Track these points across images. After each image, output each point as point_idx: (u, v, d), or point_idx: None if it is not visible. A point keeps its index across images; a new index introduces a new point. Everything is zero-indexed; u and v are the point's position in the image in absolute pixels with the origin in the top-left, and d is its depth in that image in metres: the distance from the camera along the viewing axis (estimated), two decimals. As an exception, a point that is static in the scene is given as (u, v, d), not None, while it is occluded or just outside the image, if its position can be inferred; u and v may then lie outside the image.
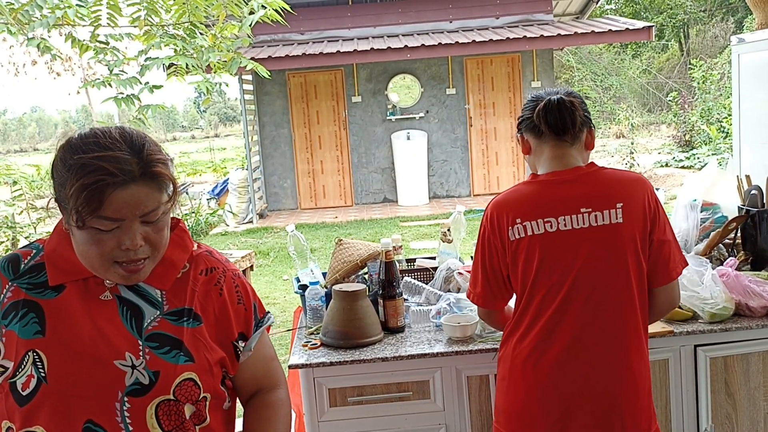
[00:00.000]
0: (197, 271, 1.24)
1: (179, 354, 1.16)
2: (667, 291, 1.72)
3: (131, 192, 1.08)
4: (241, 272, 1.31)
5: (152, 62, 4.44)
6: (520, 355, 1.70)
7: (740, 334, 2.07)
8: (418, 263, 2.67)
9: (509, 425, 1.74)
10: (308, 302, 2.35)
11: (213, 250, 1.32)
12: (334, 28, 10.73)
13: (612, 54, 22.09)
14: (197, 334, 1.19)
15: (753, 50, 3.67)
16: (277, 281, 6.76)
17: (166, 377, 1.14)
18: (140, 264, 1.14)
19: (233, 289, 1.27)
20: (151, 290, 1.20)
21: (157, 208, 1.12)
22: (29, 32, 4.09)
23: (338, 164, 10.89)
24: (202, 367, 1.18)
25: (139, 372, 1.13)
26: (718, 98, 13.73)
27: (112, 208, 1.08)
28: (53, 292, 1.17)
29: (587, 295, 1.64)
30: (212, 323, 1.22)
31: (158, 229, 1.14)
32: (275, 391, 1.34)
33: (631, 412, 1.66)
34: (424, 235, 8.18)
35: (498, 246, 1.73)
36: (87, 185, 1.06)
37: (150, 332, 1.17)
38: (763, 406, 2.12)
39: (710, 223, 2.52)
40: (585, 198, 1.67)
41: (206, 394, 1.20)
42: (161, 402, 1.14)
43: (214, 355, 1.21)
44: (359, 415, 2.06)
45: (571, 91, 1.77)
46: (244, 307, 1.28)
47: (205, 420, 1.20)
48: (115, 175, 1.07)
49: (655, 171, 12.09)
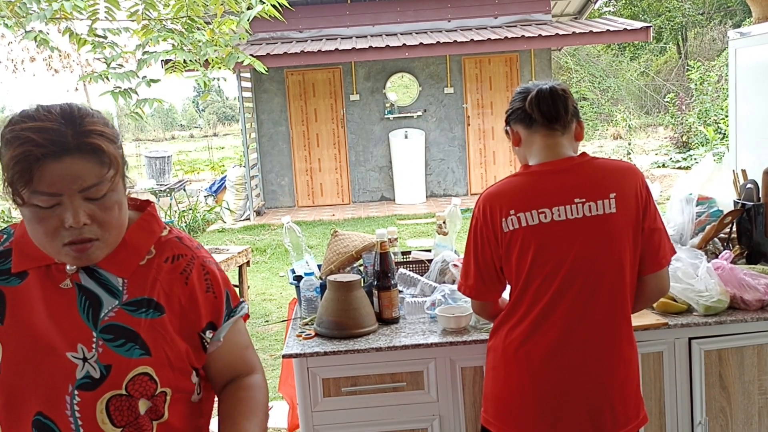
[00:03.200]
0: (162, 259, 1.19)
1: (134, 347, 1.12)
2: (656, 278, 1.72)
3: (66, 164, 1.04)
4: (213, 259, 1.25)
5: (150, 56, 4.44)
6: (512, 344, 1.70)
7: (735, 327, 2.08)
8: (413, 255, 2.67)
9: (498, 414, 1.73)
10: (303, 293, 2.34)
11: (184, 235, 1.25)
12: (332, 26, 10.73)
13: (610, 56, 22.13)
14: (157, 326, 1.14)
15: (751, 44, 3.68)
16: (273, 278, 6.76)
17: (118, 371, 1.10)
18: (88, 244, 1.09)
19: (202, 276, 1.20)
20: (112, 278, 1.15)
21: (99, 183, 1.07)
22: (26, 25, 4.08)
23: (336, 162, 10.89)
24: (159, 361, 1.13)
25: (90, 365, 1.09)
26: (716, 100, 13.74)
27: (46, 182, 1.03)
28: (17, 279, 1.15)
29: (581, 284, 1.64)
30: (177, 314, 1.17)
31: (105, 207, 1.09)
32: (251, 375, 1.29)
33: (621, 400, 1.67)
34: (420, 233, 8.18)
35: (491, 238, 1.72)
36: (15, 156, 1.03)
37: (105, 323, 1.12)
38: (757, 400, 2.11)
39: (706, 216, 2.52)
40: (578, 188, 1.66)
41: (165, 389, 1.15)
42: (112, 397, 1.10)
43: (176, 348, 1.16)
44: (353, 406, 2.06)
45: (560, 82, 1.77)
46: (214, 295, 1.21)
47: (162, 416, 1.16)
48: (43, 146, 1.02)
49: (652, 172, 12.11)
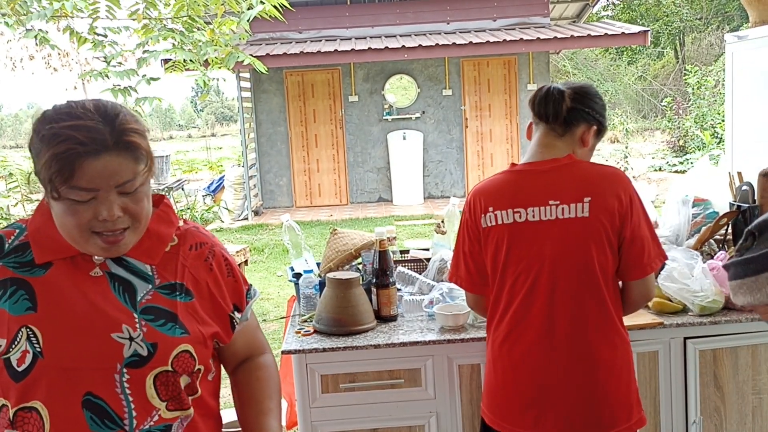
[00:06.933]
0: (186, 247, 1.25)
1: (175, 326, 1.17)
2: (640, 285, 1.71)
3: (104, 162, 1.07)
4: (225, 247, 1.33)
5: (150, 55, 4.45)
6: (497, 339, 1.74)
7: (730, 327, 2.09)
8: (411, 254, 2.69)
9: (490, 406, 1.78)
10: (302, 290, 2.35)
11: (199, 225, 1.32)
12: (332, 27, 10.75)
13: (608, 60, 22.16)
14: (190, 309, 1.20)
15: (747, 48, 3.71)
16: (271, 277, 6.77)
17: (164, 349, 1.15)
18: (119, 235, 1.14)
19: (222, 263, 1.28)
20: (140, 265, 1.20)
21: (134, 178, 1.11)
22: (27, 23, 4.09)
23: (334, 163, 10.90)
24: (196, 339, 1.20)
25: (137, 344, 1.14)
26: (713, 104, 13.78)
27: (86, 178, 1.07)
28: (41, 269, 1.17)
29: (552, 286, 1.66)
30: (206, 298, 1.23)
31: (137, 200, 1.14)
32: (264, 355, 1.39)
33: (606, 403, 1.66)
34: (418, 234, 8.20)
35: (475, 232, 1.76)
36: (58, 154, 1.06)
37: (144, 305, 1.17)
38: (751, 399, 2.13)
39: (701, 218, 2.54)
40: (555, 190, 1.67)
41: (200, 366, 1.21)
42: (159, 373, 1.15)
43: (208, 329, 1.22)
44: (351, 402, 2.07)
45: (579, 85, 1.76)
46: (234, 279, 1.29)
47: (197, 392, 1.22)
48: (85, 144, 1.06)
49: (649, 175, 12.15)
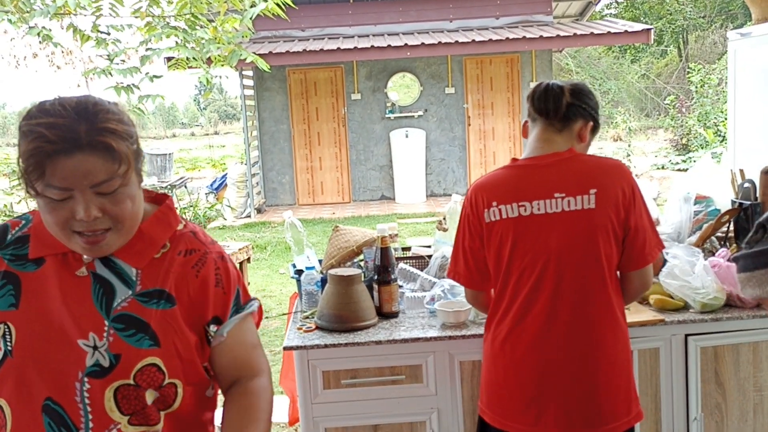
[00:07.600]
0: (176, 252, 1.20)
1: (144, 338, 1.13)
2: (640, 275, 1.74)
3: (76, 161, 1.04)
4: (227, 255, 1.26)
5: (153, 53, 4.45)
6: (498, 336, 1.74)
7: (731, 324, 2.09)
8: (413, 251, 2.69)
9: (490, 404, 1.77)
10: (304, 287, 2.36)
11: (199, 230, 1.26)
12: (334, 25, 10.75)
13: (611, 58, 22.12)
14: (168, 317, 1.15)
15: (750, 45, 3.70)
16: (273, 275, 6.78)
17: (127, 361, 1.11)
18: (100, 235, 1.10)
19: (213, 271, 1.21)
20: (126, 268, 1.16)
21: (110, 179, 1.07)
22: (30, 21, 4.10)
23: (336, 161, 10.91)
24: (168, 353, 1.14)
25: (100, 353, 1.11)
26: (716, 103, 13.75)
27: (58, 177, 1.04)
28: (33, 265, 1.16)
29: (559, 279, 1.66)
30: (186, 305, 1.18)
31: (117, 201, 1.09)
32: (256, 378, 1.26)
33: (606, 398, 1.67)
34: (420, 232, 8.20)
35: (477, 227, 1.76)
36: (28, 151, 1.04)
37: (118, 312, 1.14)
38: (752, 396, 2.14)
39: (703, 215, 2.54)
40: (560, 183, 1.68)
41: (174, 380, 1.16)
42: (120, 386, 1.11)
43: (185, 339, 1.17)
44: (352, 398, 2.08)
45: (574, 83, 1.78)
46: (223, 290, 1.22)
47: (171, 406, 1.17)
48: (54, 143, 1.03)
49: (651, 173, 12.13)
